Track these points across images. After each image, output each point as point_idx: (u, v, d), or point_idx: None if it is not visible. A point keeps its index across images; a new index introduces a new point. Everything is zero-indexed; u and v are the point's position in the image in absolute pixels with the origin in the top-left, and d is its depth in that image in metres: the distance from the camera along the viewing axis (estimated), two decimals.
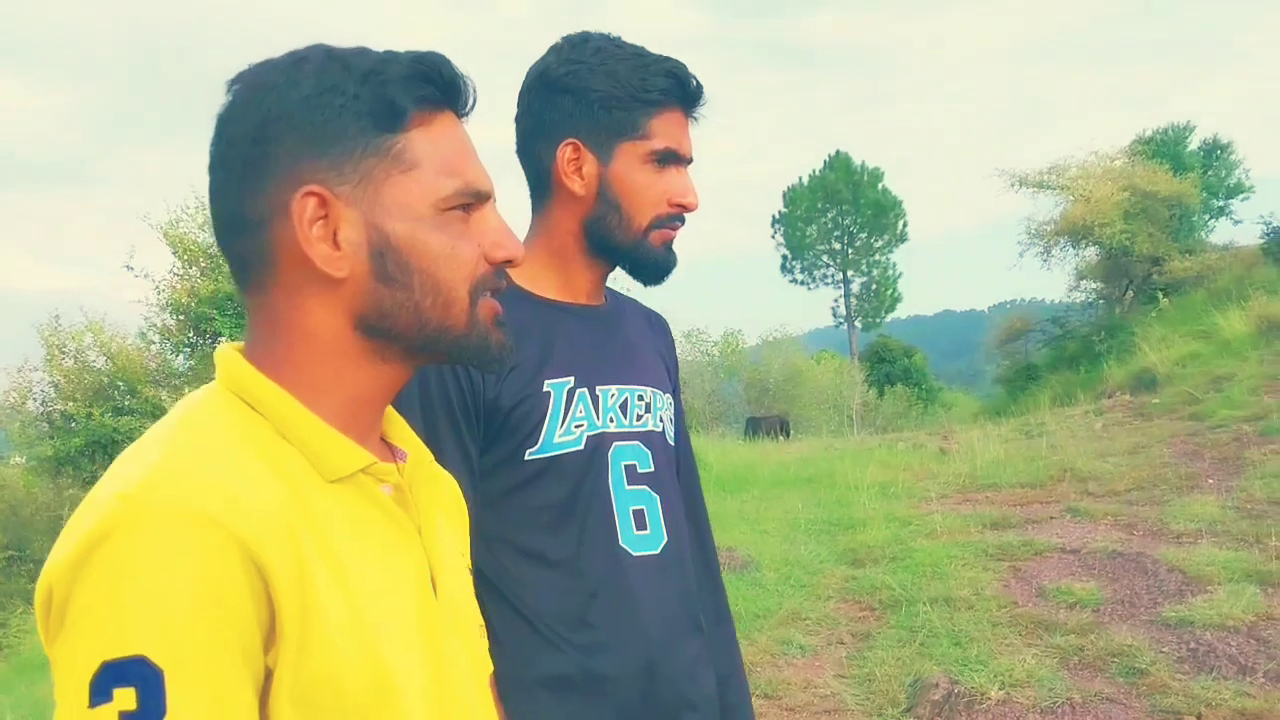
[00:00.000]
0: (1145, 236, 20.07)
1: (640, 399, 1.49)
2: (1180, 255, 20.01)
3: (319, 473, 0.89)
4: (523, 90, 1.46)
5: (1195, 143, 30.38)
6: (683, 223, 1.47)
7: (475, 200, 0.94)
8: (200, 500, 0.77)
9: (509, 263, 0.97)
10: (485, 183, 0.95)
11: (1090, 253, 22.09)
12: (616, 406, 1.45)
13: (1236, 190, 31.71)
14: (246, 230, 0.90)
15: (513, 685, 1.32)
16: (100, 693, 0.72)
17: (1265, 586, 4.96)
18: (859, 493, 8.71)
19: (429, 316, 0.92)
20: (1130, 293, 21.69)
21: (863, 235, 46.27)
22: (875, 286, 46.50)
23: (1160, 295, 18.65)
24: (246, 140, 0.89)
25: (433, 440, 1.25)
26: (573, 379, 1.41)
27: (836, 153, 46.95)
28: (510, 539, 1.37)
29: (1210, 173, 29.74)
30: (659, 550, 1.45)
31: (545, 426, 1.38)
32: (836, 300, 46.95)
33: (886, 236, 46.35)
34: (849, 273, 46.50)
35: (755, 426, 18.09)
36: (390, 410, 1.03)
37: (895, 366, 33.42)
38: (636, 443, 1.46)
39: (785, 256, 47.32)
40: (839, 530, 7.55)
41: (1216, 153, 31.38)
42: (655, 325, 1.66)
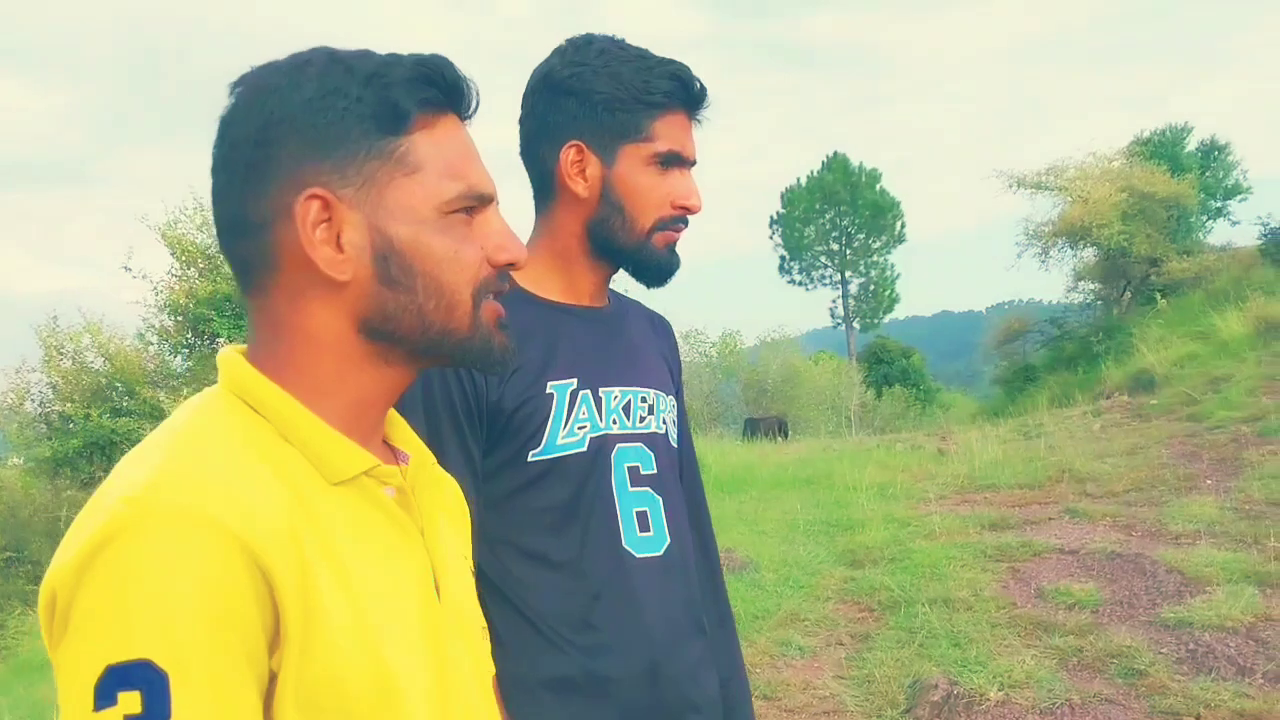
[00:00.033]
0: (1143, 237, 20.08)
1: (643, 401, 1.49)
2: (1178, 256, 20.01)
3: (322, 475, 0.89)
4: (526, 92, 1.46)
5: (1193, 144, 30.40)
6: (686, 225, 1.48)
7: (478, 203, 0.94)
8: (204, 504, 0.77)
9: (512, 266, 0.97)
10: (488, 185, 0.95)
11: (1088, 254, 22.08)
12: (619, 408, 1.45)
13: (1234, 191, 31.72)
14: (249, 232, 0.90)
15: (516, 687, 1.31)
16: (105, 696, 0.72)
17: (1264, 587, 4.96)
18: (857, 494, 8.71)
19: (432, 319, 0.92)
20: (1128, 294, 21.69)
21: (860, 236, 46.25)
22: (873, 287, 46.49)
23: (1158, 296, 18.66)
24: (249, 143, 0.88)
25: (436, 442, 1.25)
26: (576, 381, 1.41)
27: (834, 154, 46.95)
28: (513, 541, 1.37)
29: (1208, 174, 29.74)
30: (662, 552, 1.45)
31: (548, 428, 1.38)
32: (834, 301, 46.95)
33: (884, 237, 46.35)
34: (847, 273, 46.49)
35: (753, 427, 18.08)
36: (392, 413, 1.03)
37: (893, 367, 33.42)
38: (639, 445, 1.46)
39: (783, 257, 47.32)
40: (837, 531, 7.55)
41: (1214, 154, 31.38)
42: (658, 327, 1.66)
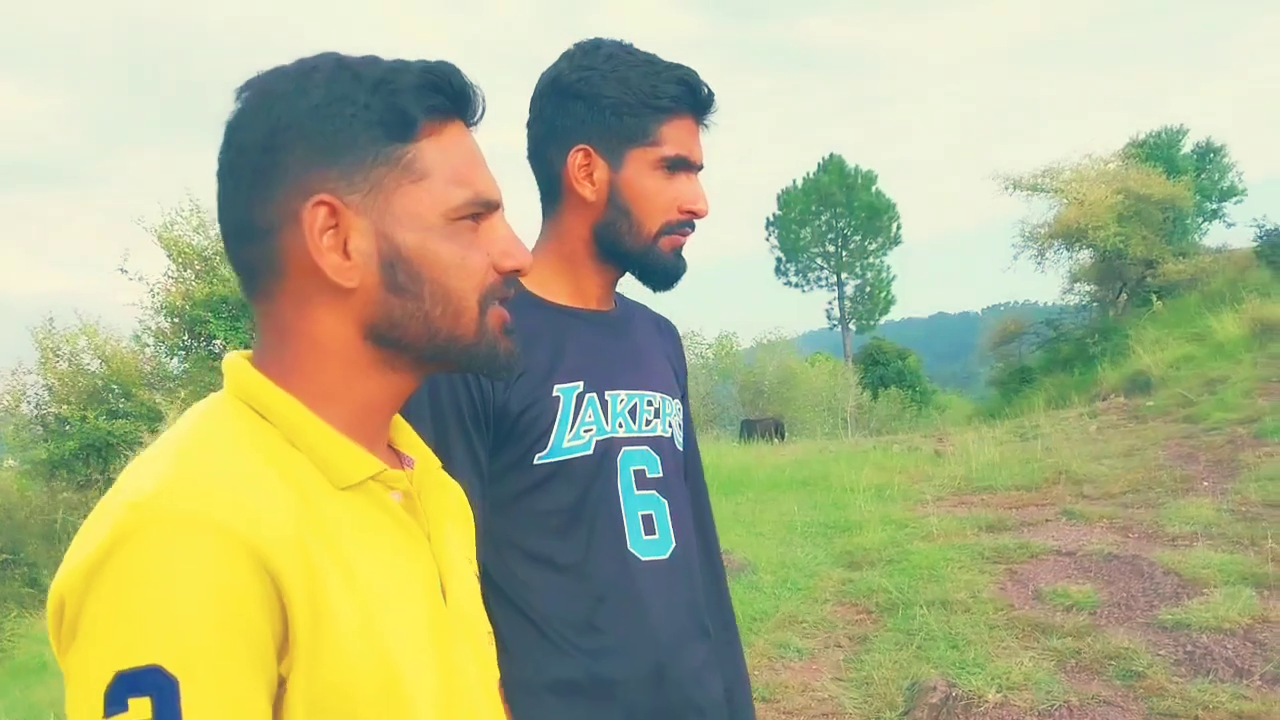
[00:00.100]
0: (1139, 239, 20.10)
1: (649, 404, 1.49)
2: (1174, 258, 20.05)
3: (329, 480, 0.89)
4: (534, 96, 1.47)
5: (1189, 146, 30.49)
6: (693, 229, 1.48)
7: (485, 210, 0.94)
8: (213, 509, 0.77)
9: (518, 272, 0.97)
10: (495, 192, 0.95)
11: (1084, 255, 22.11)
12: (625, 411, 1.45)
13: (1230, 193, 31.83)
14: (255, 238, 0.90)
15: (520, 690, 1.31)
16: (115, 702, 0.72)
17: (1261, 589, 4.97)
18: (854, 495, 8.72)
19: (439, 326, 0.92)
20: (1124, 295, 21.72)
21: (856, 238, 46.27)
22: (869, 289, 46.52)
23: (1154, 298, 18.71)
24: (256, 148, 0.88)
25: (443, 446, 1.26)
26: (582, 384, 1.41)
27: (830, 156, 46.99)
28: (518, 543, 1.37)
29: (1203, 176, 29.84)
30: (667, 555, 1.45)
31: (554, 431, 1.38)
32: (831, 303, 46.98)
33: (880, 239, 46.37)
34: (843, 275, 46.50)
35: (750, 429, 18.09)
36: (398, 418, 1.03)
37: (889, 369, 33.43)
38: (645, 448, 1.46)
39: (779, 259, 47.35)
40: (835, 533, 7.56)
41: (1210, 156, 31.49)
42: (664, 330, 1.66)
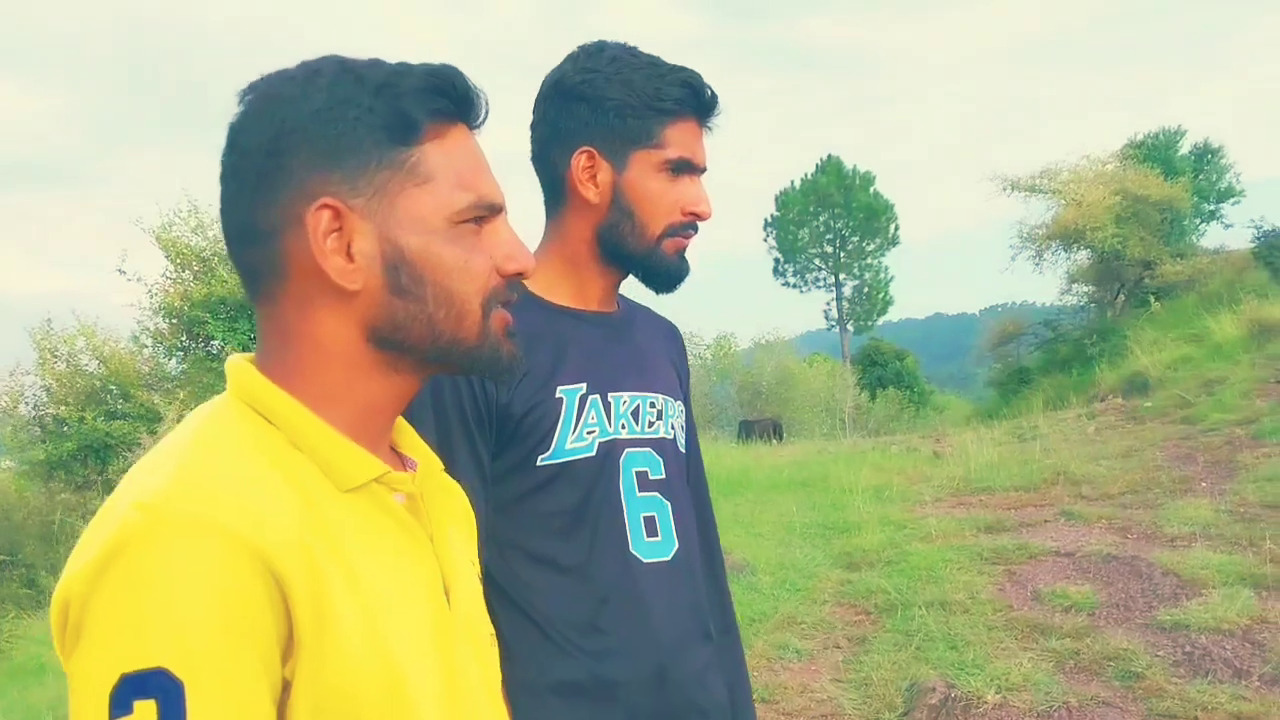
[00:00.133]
0: (1136, 240, 20.12)
1: (652, 406, 1.49)
2: (1171, 259, 20.06)
3: (332, 482, 0.89)
4: (538, 98, 1.47)
5: (1186, 147, 30.49)
6: (696, 231, 1.48)
7: (488, 213, 0.94)
8: (217, 511, 0.77)
9: (520, 275, 0.97)
10: (498, 195, 0.95)
11: (1082, 256, 22.11)
12: (628, 413, 1.45)
13: (1227, 194, 31.84)
14: (258, 241, 0.90)
15: (523, 691, 1.31)
16: (120, 705, 0.72)
17: (1259, 590, 4.98)
18: (853, 496, 8.72)
19: (442, 329, 0.92)
20: (1122, 296, 21.73)
21: (854, 239, 46.28)
22: (867, 290, 46.54)
23: (1152, 299, 18.71)
24: (260, 151, 0.88)
25: (446, 447, 1.26)
26: (585, 385, 1.41)
27: (828, 157, 47.00)
28: (521, 544, 1.37)
29: (1201, 177, 29.85)
30: (670, 557, 1.45)
31: (557, 433, 1.38)
32: (828, 303, 46.99)
33: (878, 240, 46.37)
34: (841, 276, 46.52)
35: (748, 429, 18.08)
36: (400, 420, 1.03)
37: (887, 369, 33.46)
38: (648, 449, 1.47)
39: (777, 260, 47.37)
40: (834, 534, 7.56)
41: (1207, 157, 31.50)
42: (667, 333, 1.67)
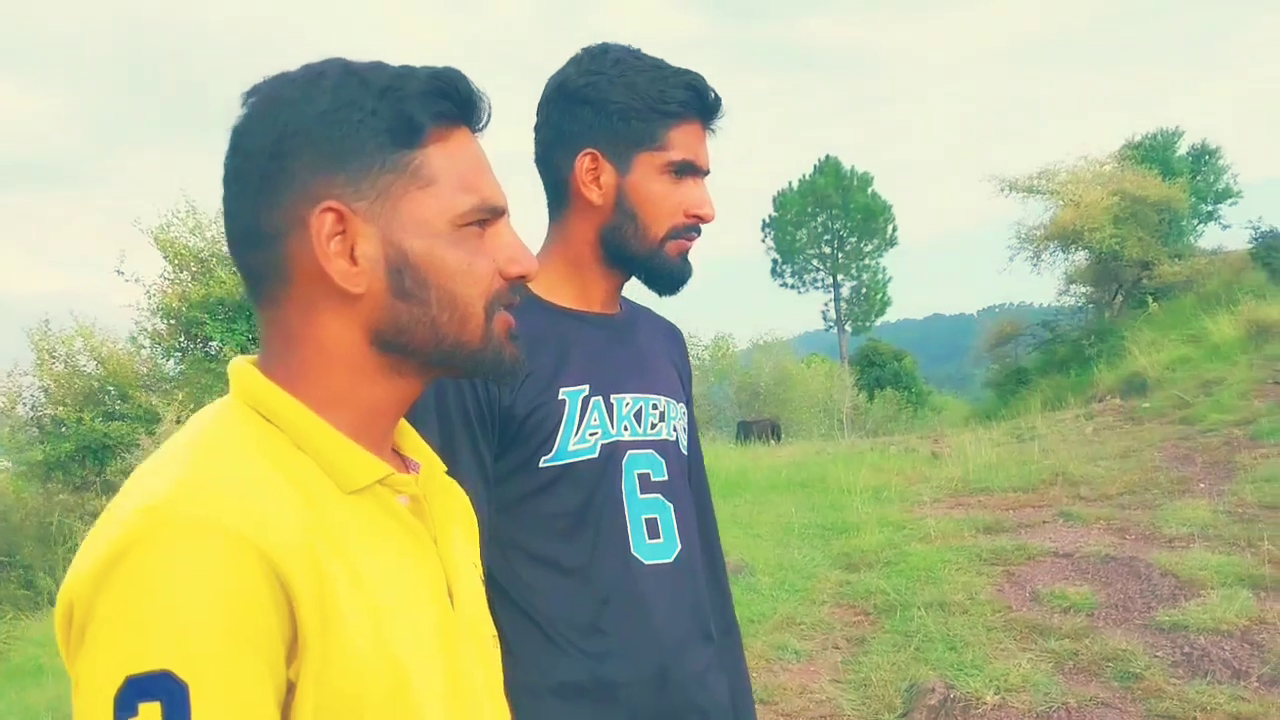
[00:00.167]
0: (1134, 241, 20.14)
1: (654, 408, 1.50)
2: (1169, 260, 20.10)
3: (336, 484, 0.89)
4: (542, 101, 1.47)
5: (1184, 148, 30.53)
6: (699, 233, 1.48)
7: (491, 216, 0.94)
8: (221, 514, 0.77)
9: (523, 278, 0.97)
10: (500, 198, 0.95)
11: (1080, 257, 22.15)
12: (631, 415, 1.46)
13: (1225, 195, 31.86)
14: (261, 244, 0.90)
15: (524, 692, 1.31)
16: (125, 707, 0.72)
17: (1258, 591, 4.99)
18: (851, 497, 8.72)
19: (445, 332, 0.92)
20: (1120, 297, 21.76)
21: (852, 239, 46.29)
22: (865, 290, 46.55)
23: (1150, 300, 18.74)
24: (263, 154, 0.88)
25: (448, 449, 1.26)
26: (588, 387, 1.42)
27: (826, 157, 47.02)
28: (524, 545, 1.38)
29: (1199, 178, 29.88)
30: (672, 559, 1.45)
31: (560, 434, 1.38)
32: (826, 304, 47.00)
33: (876, 241, 46.38)
34: (839, 277, 46.53)
35: (746, 430, 18.09)
36: (402, 422, 1.03)
37: (885, 370, 33.49)
38: (650, 451, 1.47)
39: (775, 260, 47.36)
40: (832, 535, 7.57)
41: (1205, 158, 31.52)
42: (669, 335, 1.67)
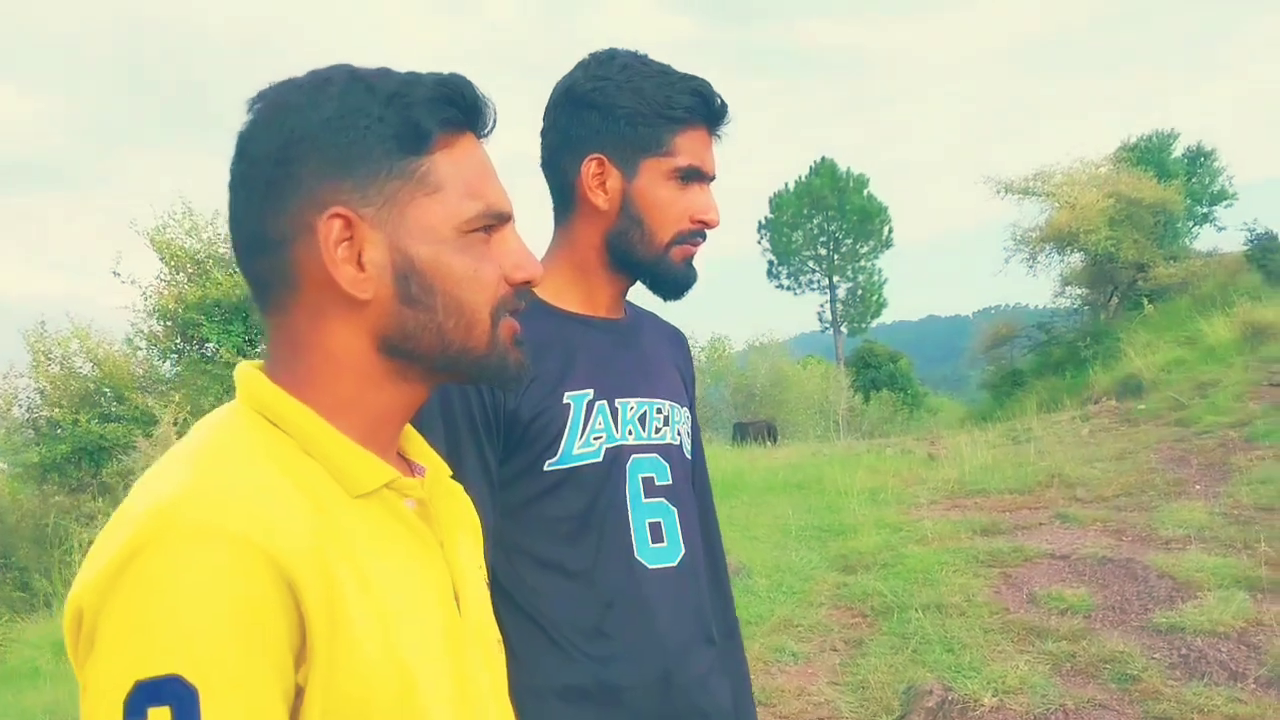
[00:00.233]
0: (1130, 243, 20.17)
1: (659, 412, 1.50)
2: (1165, 262, 20.13)
3: (343, 488, 0.89)
4: (549, 105, 1.48)
5: (1179, 150, 30.60)
6: (704, 239, 1.49)
7: (497, 222, 0.95)
8: (229, 518, 0.78)
9: (529, 284, 0.98)
10: (506, 204, 0.96)
11: (1075, 259, 22.17)
12: (635, 419, 1.46)
13: (1220, 197, 31.92)
14: (268, 250, 0.90)
15: (528, 695, 1.31)
16: (135, 712, 0.72)
17: (1254, 592, 4.99)
18: (848, 498, 8.73)
19: (452, 338, 0.93)
20: (1115, 299, 21.79)
21: (848, 241, 46.32)
22: (861, 292, 46.57)
23: (1145, 302, 18.76)
24: (270, 160, 0.89)
25: (454, 453, 1.27)
26: (592, 391, 1.42)
27: (822, 159, 47.01)
28: (528, 549, 1.38)
29: (1194, 180, 29.93)
30: (676, 563, 1.46)
31: (564, 438, 1.39)
32: (822, 305, 47.02)
33: (872, 242, 46.41)
34: (835, 278, 46.55)
35: (742, 432, 18.09)
36: (408, 427, 1.03)
37: (881, 372, 33.52)
38: (655, 455, 1.47)
39: (771, 262, 47.38)
40: (830, 536, 7.57)
41: (1200, 160, 31.59)
42: (674, 339, 1.67)
